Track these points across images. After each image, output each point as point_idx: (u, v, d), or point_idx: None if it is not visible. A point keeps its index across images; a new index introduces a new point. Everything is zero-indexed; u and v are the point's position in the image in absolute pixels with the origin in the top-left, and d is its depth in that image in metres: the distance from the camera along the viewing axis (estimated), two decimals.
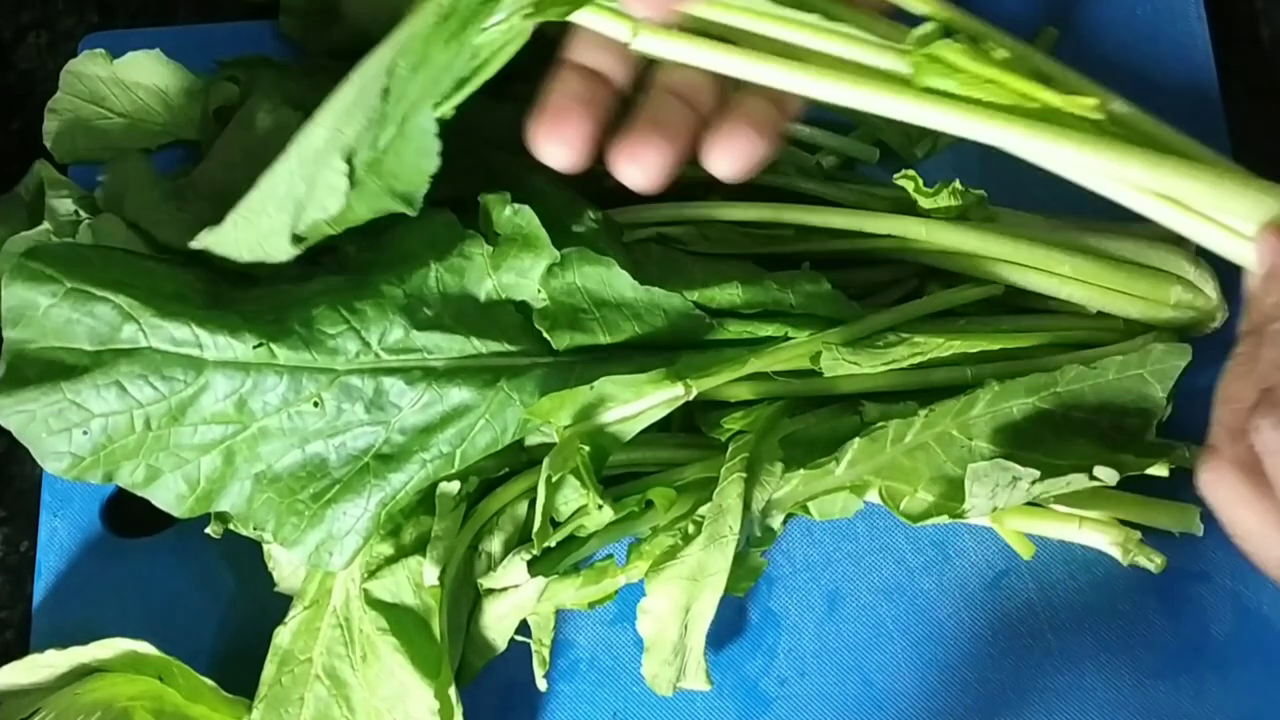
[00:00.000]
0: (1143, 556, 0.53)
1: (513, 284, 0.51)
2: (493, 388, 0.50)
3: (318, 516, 0.50)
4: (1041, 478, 0.49)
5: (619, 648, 0.56)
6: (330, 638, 0.52)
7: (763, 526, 0.53)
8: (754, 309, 0.53)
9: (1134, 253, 0.54)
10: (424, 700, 0.50)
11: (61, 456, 0.48)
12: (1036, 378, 0.51)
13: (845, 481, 0.52)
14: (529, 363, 0.51)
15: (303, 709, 0.51)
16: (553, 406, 0.49)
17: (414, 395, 0.49)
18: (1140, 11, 0.64)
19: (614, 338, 0.51)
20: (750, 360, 0.51)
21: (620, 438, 0.50)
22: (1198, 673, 0.54)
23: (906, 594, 0.56)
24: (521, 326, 0.51)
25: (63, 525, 0.58)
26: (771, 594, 0.56)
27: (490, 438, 0.50)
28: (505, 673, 0.55)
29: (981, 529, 0.56)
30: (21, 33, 0.68)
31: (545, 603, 0.54)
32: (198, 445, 0.49)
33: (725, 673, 0.55)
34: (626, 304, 0.51)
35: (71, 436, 0.48)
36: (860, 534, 0.57)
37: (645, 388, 0.49)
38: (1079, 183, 0.44)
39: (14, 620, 0.59)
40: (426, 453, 0.50)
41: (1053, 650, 0.55)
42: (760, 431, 0.53)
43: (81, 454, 0.48)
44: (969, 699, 0.54)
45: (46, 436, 0.48)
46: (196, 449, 0.49)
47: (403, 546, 0.52)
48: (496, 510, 0.53)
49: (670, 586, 0.51)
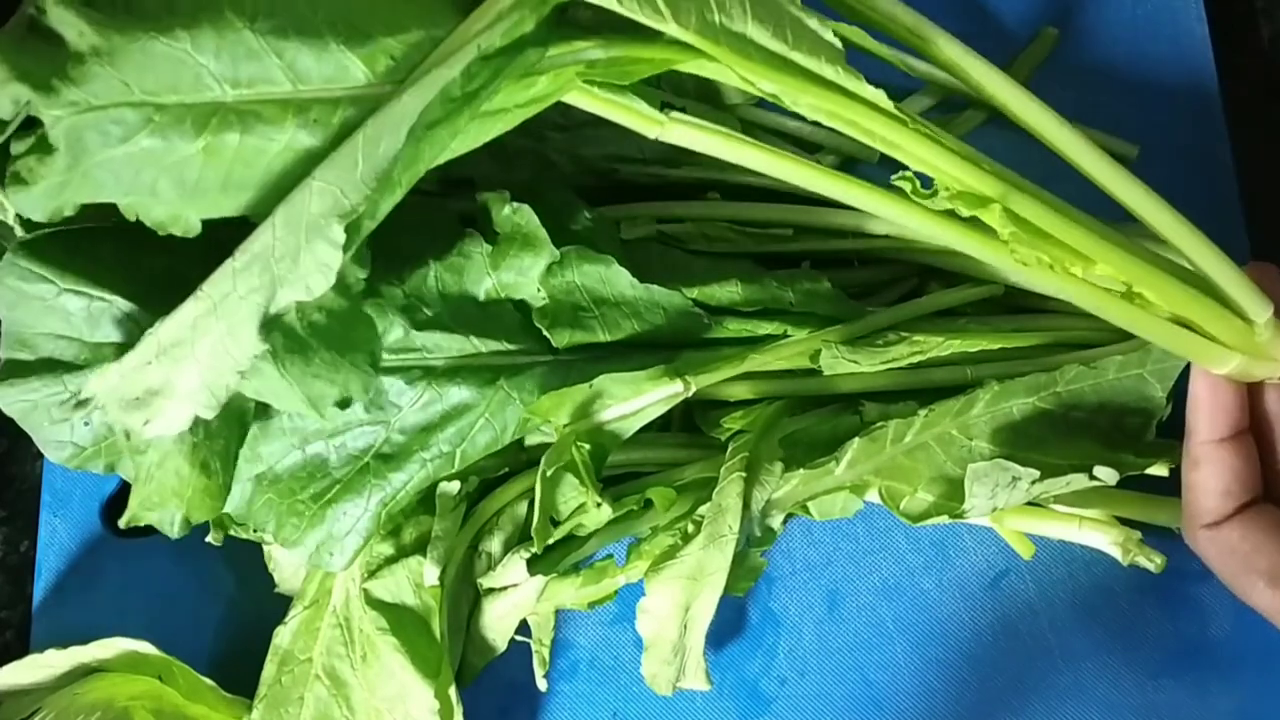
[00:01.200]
0: (1143, 556, 0.53)
1: (512, 283, 0.51)
2: (492, 386, 0.50)
3: (318, 517, 0.50)
4: (1041, 478, 0.49)
5: (619, 648, 0.56)
6: (330, 638, 0.51)
7: (762, 526, 0.53)
8: (753, 307, 0.53)
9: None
10: (424, 700, 0.49)
11: (63, 446, 0.48)
12: (1036, 377, 0.51)
13: (845, 481, 0.52)
14: (528, 361, 0.51)
15: (303, 709, 0.51)
16: (552, 404, 0.49)
17: (414, 394, 0.49)
18: (1140, 11, 0.64)
19: (613, 335, 0.51)
20: (749, 357, 0.51)
21: (620, 435, 0.50)
22: (1198, 673, 0.54)
23: (906, 594, 0.56)
24: (521, 325, 0.51)
25: (63, 525, 0.58)
26: (771, 594, 0.56)
27: (490, 437, 0.50)
28: (505, 673, 0.55)
29: (981, 529, 0.56)
30: None
31: (545, 602, 0.54)
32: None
33: (725, 672, 0.55)
34: (626, 302, 0.51)
35: (73, 426, 0.48)
36: (860, 534, 0.57)
37: (644, 384, 0.49)
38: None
39: (14, 620, 0.59)
40: (427, 452, 0.50)
41: (1053, 650, 0.55)
42: (760, 431, 0.53)
43: (83, 444, 0.48)
44: (969, 699, 0.54)
45: (48, 425, 0.48)
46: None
47: (403, 546, 0.52)
48: (496, 510, 0.53)
49: (669, 586, 0.51)
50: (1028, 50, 0.63)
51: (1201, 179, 0.61)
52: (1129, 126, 0.61)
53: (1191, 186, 0.61)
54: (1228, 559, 0.43)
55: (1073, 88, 0.62)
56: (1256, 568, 0.42)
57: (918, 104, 0.62)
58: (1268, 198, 0.62)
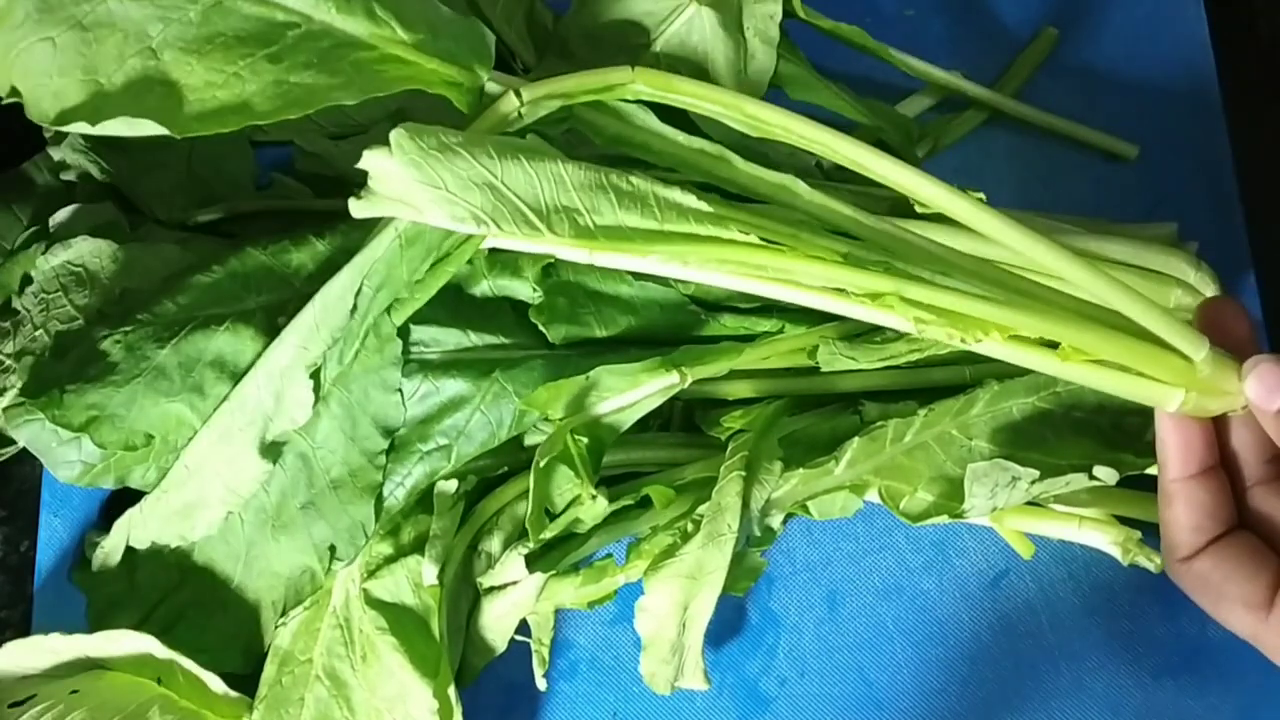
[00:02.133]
0: (1143, 556, 0.53)
1: (508, 285, 0.51)
2: (487, 379, 0.50)
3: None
4: (1041, 477, 0.49)
5: (619, 647, 0.56)
6: (330, 638, 0.51)
7: (762, 526, 0.53)
8: (750, 303, 0.53)
9: (1133, 255, 0.54)
10: (423, 700, 0.49)
11: (73, 465, 0.49)
12: (1036, 377, 0.51)
13: (845, 481, 0.52)
14: (524, 355, 0.51)
15: (303, 710, 0.51)
16: (549, 397, 0.49)
17: (411, 387, 0.50)
18: (1140, 11, 0.64)
19: (609, 331, 0.51)
20: (746, 350, 0.51)
21: (617, 428, 0.50)
22: (1198, 673, 0.54)
23: (906, 594, 0.56)
24: (517, 320, 0.51)
25: (63, 525, 0.58)
26: (771, 594, 0.56)
27: (487, 432, 0.50)
28: (505, 673, 0.55)
29: (981, 529, 0.56)
30: None
31: (545, 602, 0.54)
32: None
33: (725, 672, 0.55)
34: (622, 298, 0.51)
35: (82, 444, 0.48)
36: (860, 534, 0.57)
37: (640, 376, 0.49)
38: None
39: (14, 620, 0.59)
40: (425, 444, 0.50)
41: (1053, 650, 0.55)
42: (760, 430, 0.53)
43: (93, 461, 0.49)
44: (969, 699, 0.54)
45: (57, 446, 0.48)
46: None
47: (401, 546, 0.52)
48: (496, 510, 0.53)
49: (668, 585, 0.51)
50: (1028, 50, 0.63)
51: (1201, 179, 0.61)
52: (1129, 126, 0.61)
53: (1191, 186, 0.61)
54: (1203, 590, 0.44)
55: (1073, 88, 0.63)
56: (1229, 596, 0.43)
57: (918, 104, 0.62)
58: (1268, 198, 0.62)
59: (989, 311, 0.43)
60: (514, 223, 0.41)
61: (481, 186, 0.40)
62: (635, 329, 0.51)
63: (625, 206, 0.42)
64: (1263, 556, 0.43)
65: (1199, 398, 0.43)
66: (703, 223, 0.44)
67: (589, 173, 0.42)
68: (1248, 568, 0.43)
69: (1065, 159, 0.62)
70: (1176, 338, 0.42)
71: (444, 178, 0.40)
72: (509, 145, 0.41)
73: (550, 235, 0.41)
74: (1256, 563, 0.43)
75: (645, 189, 0.43)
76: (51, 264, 0.50)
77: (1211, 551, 0.43)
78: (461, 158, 0.40)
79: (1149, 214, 0.59)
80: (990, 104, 0.62)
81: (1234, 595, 0.42)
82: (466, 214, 0.40)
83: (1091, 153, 0.62)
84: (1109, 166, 0.61)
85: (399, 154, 0.40)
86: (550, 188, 0.41)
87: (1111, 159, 0.61)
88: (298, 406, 0.46)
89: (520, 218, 0.41)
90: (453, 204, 0.40)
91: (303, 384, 0.46)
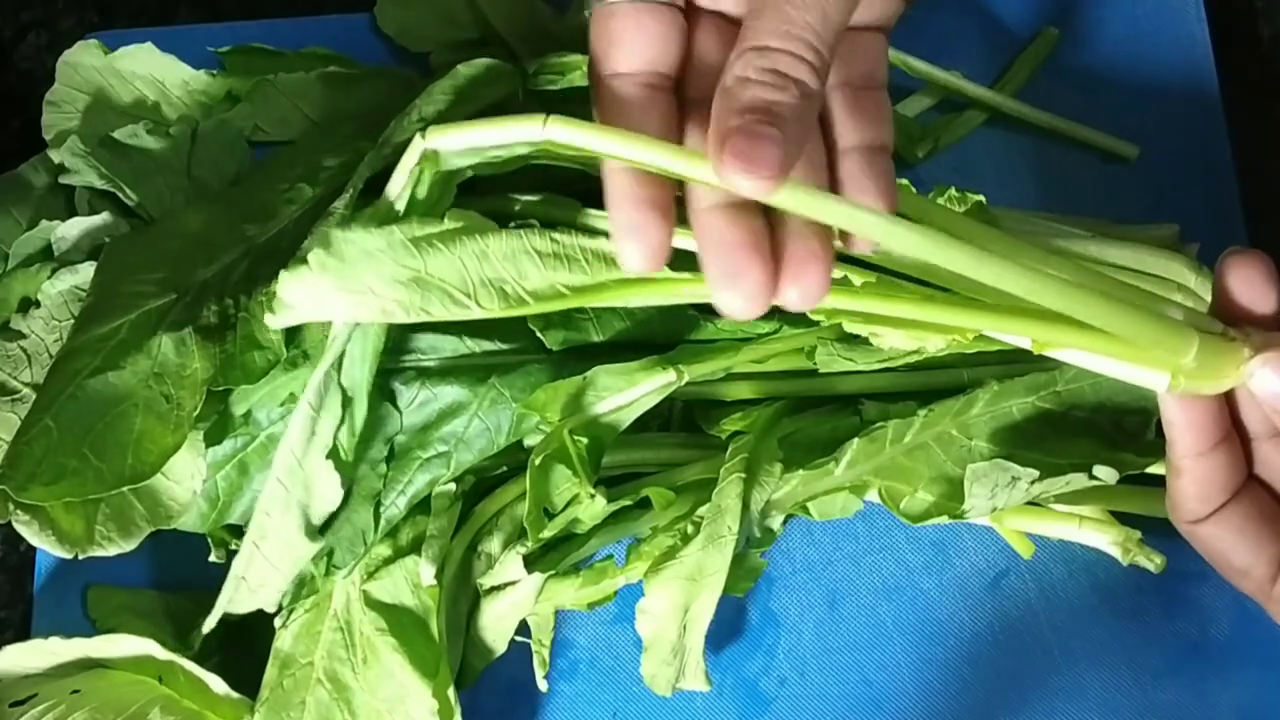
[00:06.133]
0: (1143, 556, 0.53)
1: None
2: (484, 384, 0.50)
3: None
4: (1041, 477, 0.49)
5: (619, 648, 0.56)
6: (331, 641, 0.51)
7: (762, 527, 0.53)
8: None
9: (1134, 258, 0.54)
10: (423, 701, 0.49)
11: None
12: (1036, 377, 0.51)
13: (845, 482, 0.52)
14: (521, 360, 0.51)
15: (304, 713, 0.51)
16: (547, 398, 0.49)
17: (409, 395, 0.50)
18: (1140, 11, 0.64)
19: (607, 335, 0.51)
20: (744, 350, 0.51)
21: (616, 427, 0.50)
22: (1198, 673, 0.54)
23: (906, 594, 0.56)
24: (513, 325, 0.51)
25: None
26: (771, 594, 0.56)
27: (486, 440, 0.50)
28: (505, 673, 0.55)
29: (981, 529, 0.56)
30: (21, 32, 0.68)
31: (545, 603, 0.54)
32: (213, 463, 0.50)
33: (725, 673, 0.55)
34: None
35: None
36: (860, 534, 0.57)
37: (637, 374, 0.49)
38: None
39: (14, 620, 0.59)
40: (425, 451, 0.50)
41: (1053, 650, 0.55)
42: (759, 431, 0.53)
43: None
44: (969, 699, 0.54)
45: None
46: (212, 466, 0.50)
47: (400, 547, 0.52)
48: (496, 511, 0.53)
49: (669, 586, 0.51)
50: (1028, 50, 0.63)
51: (1201, 179, 0.61)
52: (1129, 126, 0.61)
53: (1191, 186, 0.61)
54: (1210, 551, 0.44)
55: (1073, 88, 0.62)
56: (1236, 561, 0.43)
57: (918, 104, 0.62)
58: (1268, 197, 0.62)
59: (949, 316, 0.43)
60: (441, 304, 0.41)
61: (407, 283, 0.40)
62: (633, 333, 0.51)
63: (551, 266, 0.42)
64: (1271, 520, 0.42)
65: (1190, 382, 0.42)
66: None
67: (510, 240, 0.41)
68: (1254, 534, 0.42)
69: (1065, 159, 0.62)
70: (1164, 342, 0.41)
71: (368, 282, 0.40)
72: (430, 236, 0.41)
73: (478, 309, 0.41)
74: (1263, 528, 0.42)
75: (571, 244, 0.42)
76: (59, 288, 0.50)
77: (1219, 517, 0.43)
78: (384, 262, 0.40)
79: (1149, 214, 0.59)
80: (990, 104, 0.61)
81: (1241, 559, 0.42)
82: (395, 307, 0.40)
83: (1091, 153, 0.62)
84: (1109, 166, 0.61)
85: (319, 271, 0.40)
86: (474, 264, 0.41)
87: (1111, 159, 0.61)
88: (331, 492, 0.48)
89: (447, 298, 0.41)
90: (379, 301, 0.40)
91: (329, 471, 0.47)
